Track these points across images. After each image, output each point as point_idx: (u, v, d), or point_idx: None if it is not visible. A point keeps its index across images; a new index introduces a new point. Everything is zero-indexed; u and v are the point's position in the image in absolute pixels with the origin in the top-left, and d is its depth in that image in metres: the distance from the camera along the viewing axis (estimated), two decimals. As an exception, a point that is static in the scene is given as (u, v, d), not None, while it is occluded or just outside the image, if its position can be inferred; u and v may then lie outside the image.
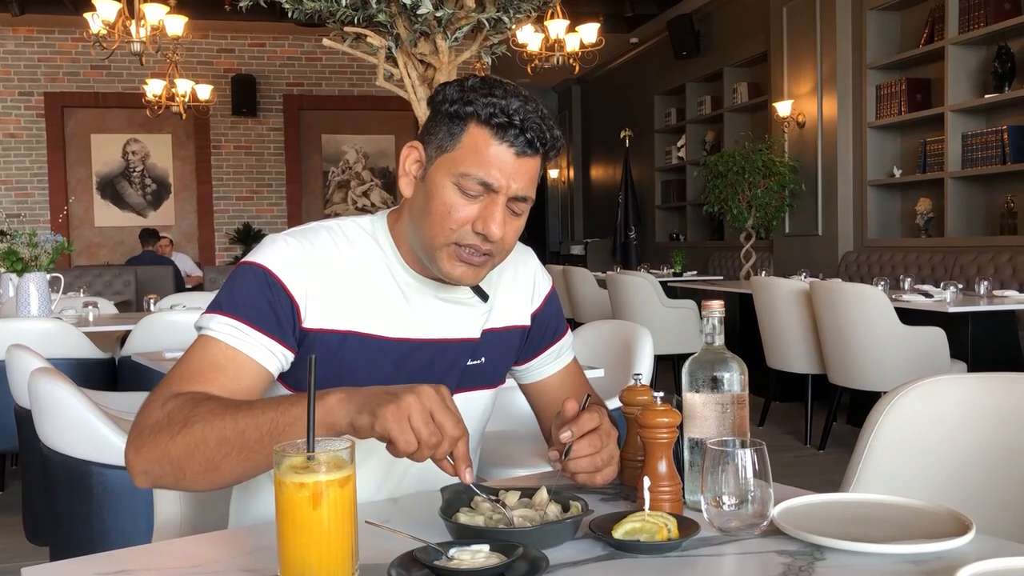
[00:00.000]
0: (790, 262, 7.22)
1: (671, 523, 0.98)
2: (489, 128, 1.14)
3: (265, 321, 1.15)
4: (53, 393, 2.09)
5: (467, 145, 1.15)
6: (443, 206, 1.16)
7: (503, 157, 1.14)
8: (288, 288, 1.17)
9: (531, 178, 1.18)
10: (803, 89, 7.18)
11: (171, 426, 1.04)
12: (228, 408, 1.04)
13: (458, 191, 1.16)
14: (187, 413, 1.04)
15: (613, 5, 9.08)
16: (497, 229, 1.15)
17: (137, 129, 9.66)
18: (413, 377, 1.22)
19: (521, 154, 1.15)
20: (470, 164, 1.14)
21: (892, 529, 1.01)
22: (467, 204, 1.16)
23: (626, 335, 2.60)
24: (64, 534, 2.21)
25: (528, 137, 1.14)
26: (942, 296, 4.42)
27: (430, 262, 1.21)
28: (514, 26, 2.86)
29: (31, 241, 4.09)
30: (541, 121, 1.15)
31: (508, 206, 1.17)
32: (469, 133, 1.15)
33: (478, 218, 1.15)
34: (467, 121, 1.15)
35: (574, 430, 1.12)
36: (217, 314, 1.15)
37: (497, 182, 1.14)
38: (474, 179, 1.14)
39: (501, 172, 1.14)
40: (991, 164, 5.58)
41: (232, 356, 1.13)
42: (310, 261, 1.19)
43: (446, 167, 1.16)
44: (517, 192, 1.16)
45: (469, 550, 0.92)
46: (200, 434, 1.02)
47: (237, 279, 1.18)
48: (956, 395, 1.39)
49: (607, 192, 11.63)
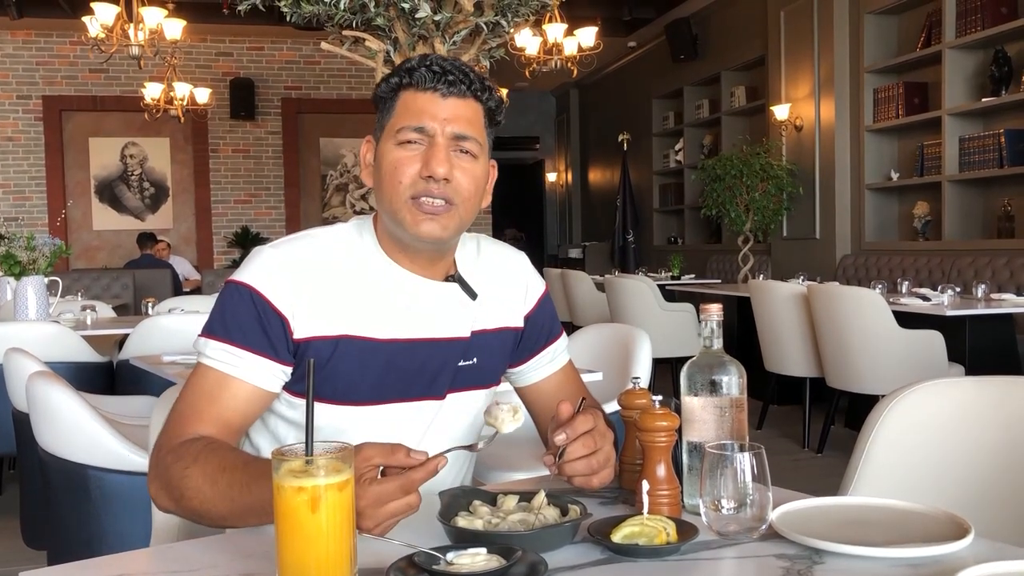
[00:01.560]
0: (788, 265, 7.22)
1: (670, 527, 0.99)
2: (413, 86, 1.22)
3: (257, 341, 1.17)
4: (51, 397, 2.09)
5: (399, 108, 1.22)
6: (390, 166, 1.21)
7: (431, 101, 1.20)
8: (274, 304, 1.18)
9: (468, 119, 1.22)
10: (801, 93, 7.20)
11: (174, 488, 1.11)
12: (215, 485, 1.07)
13: (400, 147, 1.21)
14: (181, 486, 1.09)
15: (611, 9, 9.09)
16: (441, 167, 1.18)
17: (135, 132, 9.65)
18: (404, 377, 1.23)
19: (448, 94, 1.21)
20: (404, 119, 1.21)
21: (890, 533, 1.01)
22: (412, 156, 1.20)
23: (624, 338, 2.60)
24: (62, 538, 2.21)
25: (450, 79, 1.20)
26: (940, 299, 4.42)
27: (397, 227, 1.23)
28: (512, 30, 2.86)
29: (29, 244, 4.09)
30: (462, 66, 1.22)
31: (453, 147, 1.20)
32: (400, 99, 1.23)
33: (423, 165, 1.20)
34: (396, 92, 1.23)
35: (568, 433, 1.12)
36: (211, 339, 1.18)
37: (430, 125, 1.20)
38: (409, 128, 1.20)
39: (432, 115, 1.20)
40: (988, 167, 5.59)
41: (228, 384, 1.17)
42: (295, 272, 1.20)
43: (388, 135, 1.23)
44: (455, 131, 1.20)
45: (467, 554, 0.91)
46: (199, 507, 1.09)
47: (226, 300, 1.21)
48: (954, 399, 1.39)
49: (605, 195, 11.63)
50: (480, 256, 1.36)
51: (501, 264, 1.37)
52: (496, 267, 1.36)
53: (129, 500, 2.08)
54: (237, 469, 1.06)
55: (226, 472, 1.07)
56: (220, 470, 1.07)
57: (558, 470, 1.13)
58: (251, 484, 1.04)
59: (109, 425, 2.11)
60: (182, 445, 1.13)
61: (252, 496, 1.03)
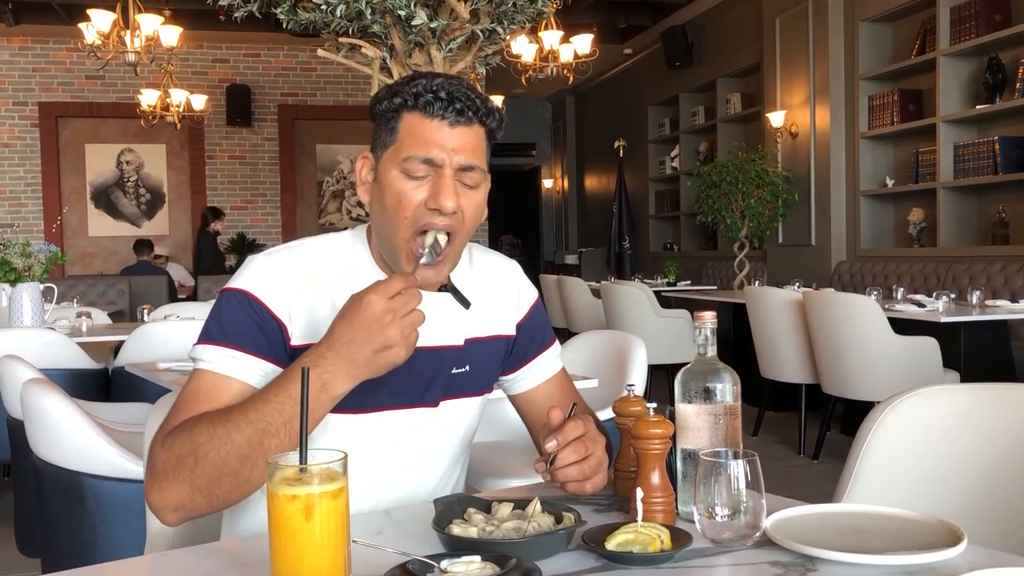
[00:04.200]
0: (783, 272, 7.24)
1: (664, 534, 0.99)
2: (419, 110, 1.19)
3: (256, 344, 1.17)
4: (45, 404, 2.08)
5: (404, 132, 1.19)
6: (395, 196, 1.19)
7: (439, 131, 1.18)
8: (271, 309, 1.18)
9: (474, 148, 1.20)
10: (796, 100, 7.22)
11: (184, 461, 1.07)
12: (227, 423, 1.06)
13: (405, 177, 1.19)
14: (191, 445, 1.07)
15: (607, 16, 9.12)
16: (449, 200, 1.17)
17: (131, 139, 9.65)
18: (397, 385, 1.23)
19: (455, 123, 1.19)
20: (410, 147, 1.18)
21: (884, 540, 1.01)
22: (417, 187, 1.19)
23: (620, 345, 2.60)
24: (56, 546, 2.20)
25: (458, 107, 1.18)
26: (935, 306, 4.43)
27: (392, 262, 1.23)
28: (508, 37, 2.87)
29: (24, 251, 4.08)
30: (469, 92, 1.20)
31: (458, 179, 1.19)
32: (404, 121, 1.20)
33: (430, 197, 1.18)
34: (400, 112, 1.20)
35: (559, 439, 1.12)
36: (208, 344, 1.17)
37: (438, 156, 1.18)
38: (416, 159, 1.18)
39: (440, 146, 1.18)
40: (983, 174, 5.61)
41: (226, 384, 1.16)
42: (289, 279, 1.20)
43: (391, 160, 1.20)
44: (462, 162, 1.19)
45: (461, 562, 0.91)
46: (218, 458, 1.05)
47: (222, 307, 1.20)
48: (948, 405, 1.39)
49: (601, 202, 11.65)
50: (473, 265, 1.36)
51: (493, 273, 1.38)
52: (488, 276, 1.37)
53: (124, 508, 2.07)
54: (246, 400, 1.09)
55: (235, 409, 1.08)
56: (228, 411, 1.08)
57: (551, 477, 1.13)
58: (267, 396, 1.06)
59: (104, 432, 2.11)
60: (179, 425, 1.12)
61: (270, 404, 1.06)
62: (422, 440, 1.28)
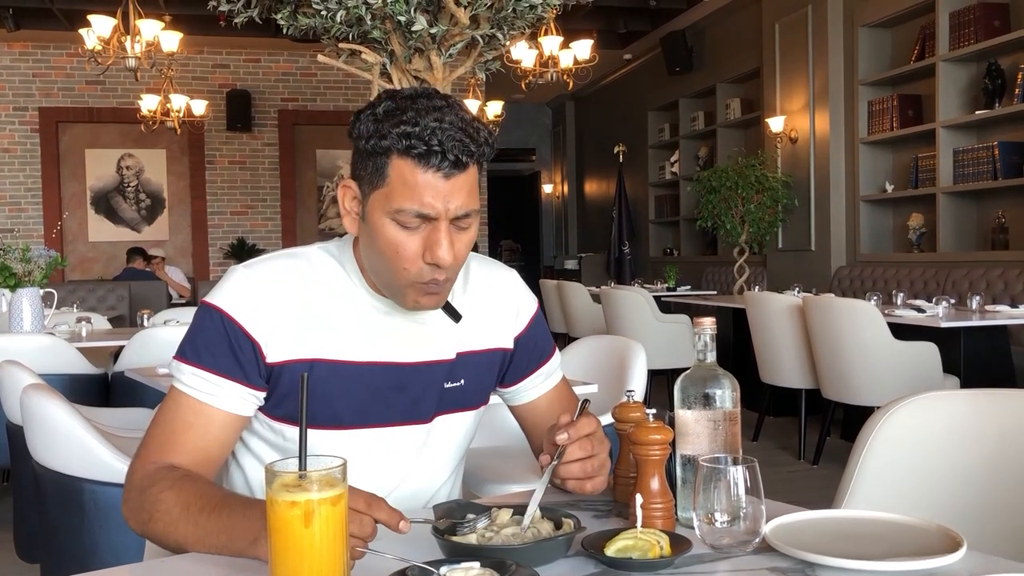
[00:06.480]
0: (783, 277, 7.24)
1: (663, 540, 0.99)
2: (410, 158, 1.10)
3: (229, 367, 1.16)
4: (45, 409, 2.08)
5: (395, 179, 1.12)
6: (389, 246, 1.14)
7: (432, 184, 1.11)
8: (246, 329, 1.17)
9: (468, 192, 1.14)
10: (795, 105, 7.23)
11: (143, 509, 1.12)
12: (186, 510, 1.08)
13: (398, 227, 1.13)
14: (152, 507, 1.10)
15: (607, 21, 9.13)
16: (445, 254, 1.13)
17: (131, 144, 9.66)
18: (387, 401, 1.23)
19: (450, 175, 1.11)
20: (402, 199, 1.11)
21: (884, 546, 1.01)
22: (410, 236, 1.13)
23: (619, 350, 2.60)
24: (56, 552, 2.20)
25: (452, 159, 1.10)
26: (934, 311, 4.43)
27: (394, 299, 1.22)
28: (508, 42, 2.88)
29: (24, 256, 4.08)
30: (462, 134, 1.11)
31: (453, 226, 1.14)
32: (393, 167, 1.12)
33: (425, 249, 1.13)
34: (388, 155, 1.12)
35: (571, 432, 1.13)
36: (184, 363, 1.18)
37: (433, 210, 1.11)
38: (409, 213, 1.12)
39: (434, 199, 1.11)
40: (982, 180, 5.62)
41: (201, 411, 1.17)
42: (268, 294, 1.18)
43: (381, 205, 1.14)
44: (457, 212, 1.13)
45: (461, 568, 0.91)
46: (162, 532, 1.09)
47: (198, 323, 1.20)
48: (948, 411, 1.39)
49: (601, 207, 11.65)
50: (469, 278, 1.33)
51: (490, 285, 1.35)
52: (485, 288, 1.34)
53: (123, 513, 2.07)
54: (212, 498, 1.08)
55: (198, 500, 1.07)
56: (195, 496, 1.08)
57: (554, 472, 1.14)
58: (221, 510, 1.05)
59: (104, 438, 2.11)
60: (158, 471, 1.14)
61: (218, 522, 1.04)
62: (417, 456, 1.27)
